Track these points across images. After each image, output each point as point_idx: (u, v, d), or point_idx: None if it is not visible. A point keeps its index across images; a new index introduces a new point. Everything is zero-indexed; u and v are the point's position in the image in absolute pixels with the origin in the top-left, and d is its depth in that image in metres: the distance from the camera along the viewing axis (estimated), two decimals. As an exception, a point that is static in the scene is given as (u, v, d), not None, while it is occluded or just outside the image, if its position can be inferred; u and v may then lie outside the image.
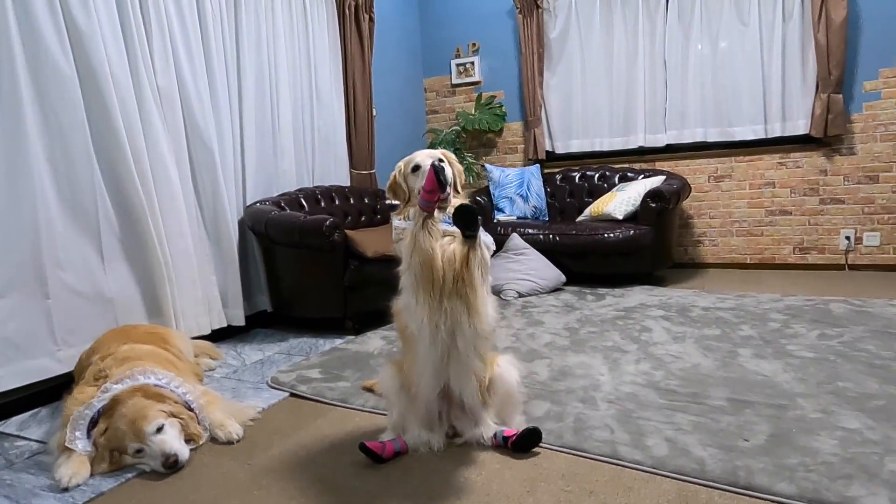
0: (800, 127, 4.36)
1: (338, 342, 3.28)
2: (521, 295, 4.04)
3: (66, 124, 2.69)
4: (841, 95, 4.13)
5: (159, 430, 1.94)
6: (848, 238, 4.33)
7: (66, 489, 1.84)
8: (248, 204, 3.69)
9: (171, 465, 1.90)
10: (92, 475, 1.91)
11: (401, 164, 1.98)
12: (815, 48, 4.17)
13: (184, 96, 3.23)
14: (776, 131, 4.43)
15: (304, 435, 2.15)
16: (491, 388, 1.96)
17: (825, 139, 4.27)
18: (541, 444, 1.91)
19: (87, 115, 2.76)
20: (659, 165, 4.86)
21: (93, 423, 1.99)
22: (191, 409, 2.13)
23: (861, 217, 4.30)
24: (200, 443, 2.09)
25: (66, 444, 1.94)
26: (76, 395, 2.11)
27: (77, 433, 1.97)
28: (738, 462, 1.73)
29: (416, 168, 1.90)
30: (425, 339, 1.80)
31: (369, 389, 2.49)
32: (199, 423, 2.12)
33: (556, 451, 1.89)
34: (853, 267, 4.35)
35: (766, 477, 1.64)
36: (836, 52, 4.06)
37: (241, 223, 3.65)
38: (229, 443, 2.11)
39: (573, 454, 1.86)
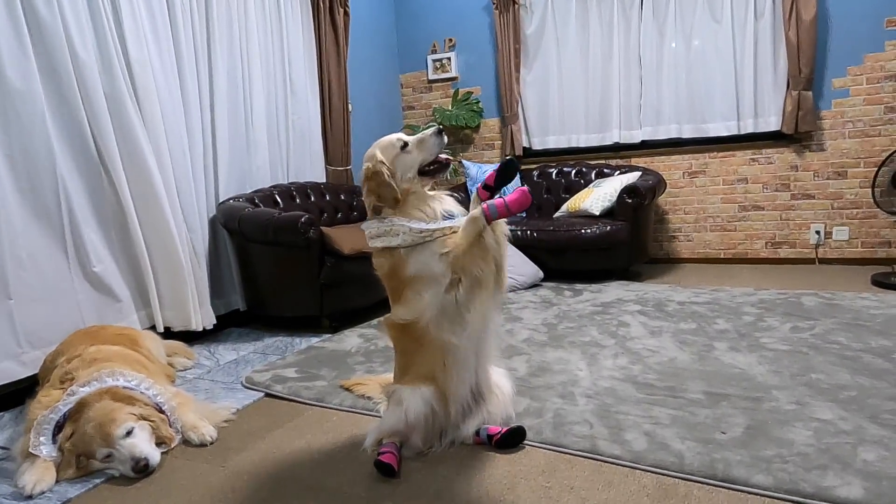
0: (771, 123, 4.43)
1: (314, 341, 3.23)
2: (499, 291, 4.03)
3: (25, 116, 2.59)
4: (811, 92, 4.21)
5: (129, 433, 1.89)
6: (818, 233, 4.42)
7: (30, 497, 1.77)
8: (220, 201, 3.61)
9: (142, 469, 1.84)
10: (58, 481, 1.85)
11: (376, 157, 1.78)
12: (786, 46, 4.23)
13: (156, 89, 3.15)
14: (749, 127, 4.50)
15: (280, 436, 2.11)
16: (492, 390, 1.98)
17: (796, 135, 4.35)
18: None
19: (47, 107, 2.66)
20: (634, 162, 4.90)
21: (58, 427, 1.93)
22: (162, 412, 2.07)
23: (830, 212, 4.39)
24: (172, 446, 2.04)
25: (30, 450, 1.87)
26: (41, 399, 2.04)
27: (42, 438, 1.90)
28: (715, 455, 1.74)
29: (406, 145, 1.79)
30: (466, 340, 1.77)
31: (347, 389, 2.45)
32: (170, 426, 2.07)
33: (536, 447, 1.88)
34: (823, 261, 4.44)
35: (743, 469, 1.65)
36: (807, 50, 4.14)
37: (214, 221, 3.57)
38: (202, 445, 2.05)
39: (553, 450, 1.86)
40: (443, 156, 1.83)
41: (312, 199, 4.11)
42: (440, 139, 1.80)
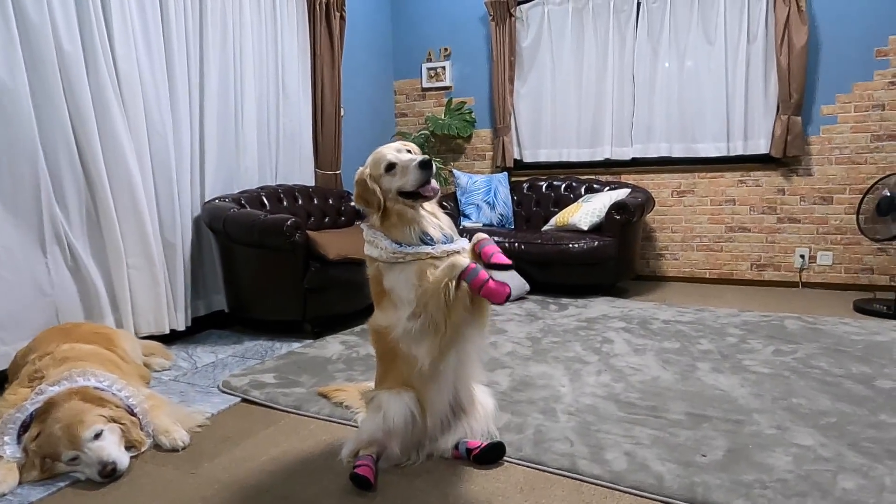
0: (760, 146, 4.47)
1: (295, 346, 3.18)
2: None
3: (10, 109, 2.53)
4: (800, 118, 4.26)
5: (97, 436, 1.83)
6: (802, 256, 4.46)
7: (-10, 498, 1.72)
8: (206, 200, 3.55)
9: (109, 473, 1.79)
10: (20, 484, 1.79)
11: (367, 167, 1.81)
12: (777, 71, 4.28)
13: (142, 86, 3.10)
14: (738, 149, 4.53)
15: (255, 443, 2.06)
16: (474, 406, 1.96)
17: (784, 159, 4.39)
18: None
19: (33, 104, 2.61)
20: (624, 178, 4.92)
21: (24, 427, 1.87)
22: (133, 414, 2.02)
23: (815, 236, 4.42)
24: (143, 450, 1.98)
25: (-7, 450, 1.81)
26: (7, 397, 1.98)
27: (6, 438, 1.84)
28: (695, 478, 1.72)
29: (391, 167, 1.76)
30: (443, 361, 1.76)
31: (325, 396, 2.41)
32: (141, 429, 2.02)
33: (516, 464, 1.85)
34: (807, 285, 4.48)
35: (723, 493, 1.63)
36: (797, 76, 4.18)
37: (198, 220, 3.51)
38: (174, 450, 2.00)
39: (532, 467, 1.83)
40: (430, 189, 1.74)
41: (300, 202, 4.07)
42: (423, 173, 1.71)
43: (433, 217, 1.83)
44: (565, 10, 4.91)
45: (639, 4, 4.69)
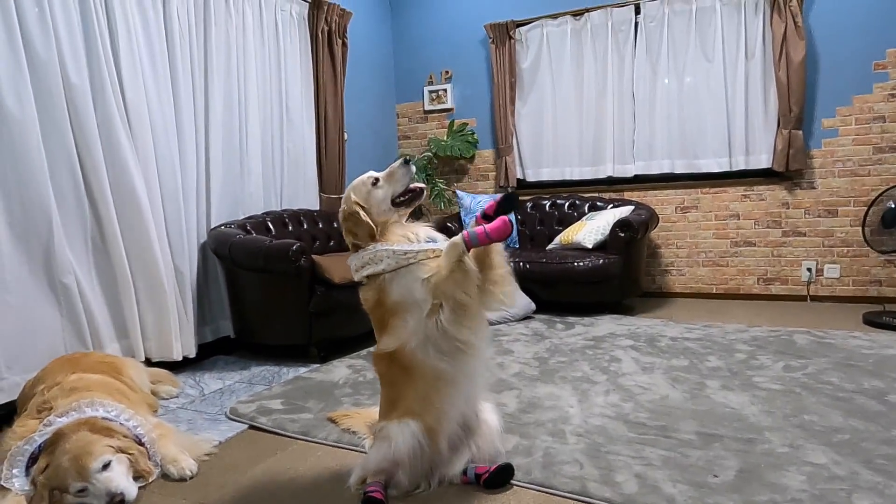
0: (762, 161, 4.48)
1: (302, 371, 3.18)
2: (490, 323, 3.99)
3: (19, 141, 2.57)
4: (801, 132, 4.27)
5: (105, 466, 1.82)
6: (809, 270, 4.43)
7: (-2, 532, 1.71)
8: (212, 227, 3.58)
9: (117, 505, 1.78)
10: (28, 517, 1.78)
11: (350, 198, 1.83)
12: (776, 85, 4.31)
13: (149, 115, 3.15)
14: (740, 164, 4.54)
15: (262, 470, 2.05)
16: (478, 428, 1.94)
17: (787, 173, 4.40)
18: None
19: (42, 136, 2.65)
20: (627, 195, 4.93)
21: (33, 459, 1.86)
22: (141, 444, 2.01)
23: (822, 249, 4.41)
24: (150, 479, 1.97)
25: (2, 483, 1.81)
26: (16, 429, 1.98)
27: (14, 470, 1.84)
28: (708, 499, 1.69)
29: (376, 181, 1.85)
30: (455, 365, 1.75)
31: (333, 421, 2.40)
32: (149, 459, 2.01)
33: (525, 487, 1.83)
34: (815, 298, 4.45)
35: (736, 515, 1.61)
36: (796, 90, 4.21)
37: (204, 247, 3.54)
38: (181, 479, 1.99)
39: (542, 491, 1.81)
40: (415, 185, 1.87)
41: (305, 226, 4.10)
42: (408, 169, 1.85)
43: (417, 226, 1.90)
44: (564, 31, 4.98)
45: (637, 24, 4.75)
